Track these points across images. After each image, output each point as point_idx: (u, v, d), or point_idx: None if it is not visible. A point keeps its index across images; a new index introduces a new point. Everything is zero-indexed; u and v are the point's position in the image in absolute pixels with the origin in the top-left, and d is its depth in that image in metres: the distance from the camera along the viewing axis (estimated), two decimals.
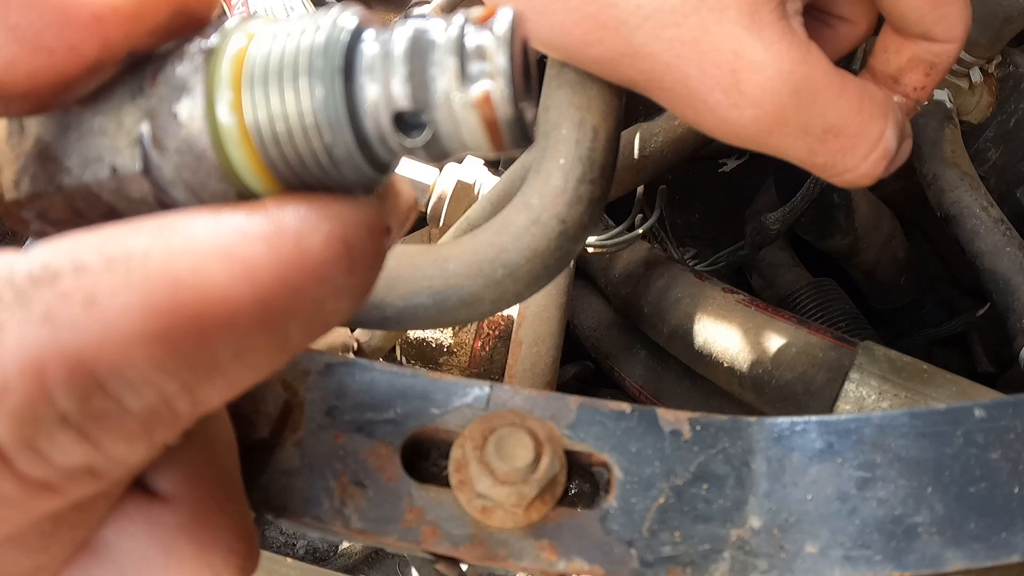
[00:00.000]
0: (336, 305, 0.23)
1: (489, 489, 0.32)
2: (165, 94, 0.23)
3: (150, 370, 0.20)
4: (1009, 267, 0.84)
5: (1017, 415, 0.33)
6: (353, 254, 0.23)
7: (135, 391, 0.20)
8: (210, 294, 0.21)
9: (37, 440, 0.20)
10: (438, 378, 0.36)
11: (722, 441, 0.35)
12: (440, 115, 0.22)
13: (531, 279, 0.66)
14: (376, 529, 0.34)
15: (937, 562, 0.31)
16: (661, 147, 0.95)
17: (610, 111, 0.67)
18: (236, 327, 0.21)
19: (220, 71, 0.23)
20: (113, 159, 0.24)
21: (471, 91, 0.22)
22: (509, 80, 0.22)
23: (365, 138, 0.23)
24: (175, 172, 0.23)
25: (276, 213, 0.22)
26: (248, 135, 0.23)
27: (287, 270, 0.21)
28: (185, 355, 0.21)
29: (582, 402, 0.36)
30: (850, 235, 1.07)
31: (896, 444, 0.34)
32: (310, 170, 0.23)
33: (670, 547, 0.33)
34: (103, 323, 0.20)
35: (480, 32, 0.22)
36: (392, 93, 0.22)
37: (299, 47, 0.22)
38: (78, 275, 0.20)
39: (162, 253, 0.21)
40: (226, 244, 0.21)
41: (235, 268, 0.21)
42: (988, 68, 1.02)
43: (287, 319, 0.22)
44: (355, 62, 0.22)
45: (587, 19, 0.46)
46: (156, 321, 0.20)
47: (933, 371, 0.74)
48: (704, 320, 0.87)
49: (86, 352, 0.20)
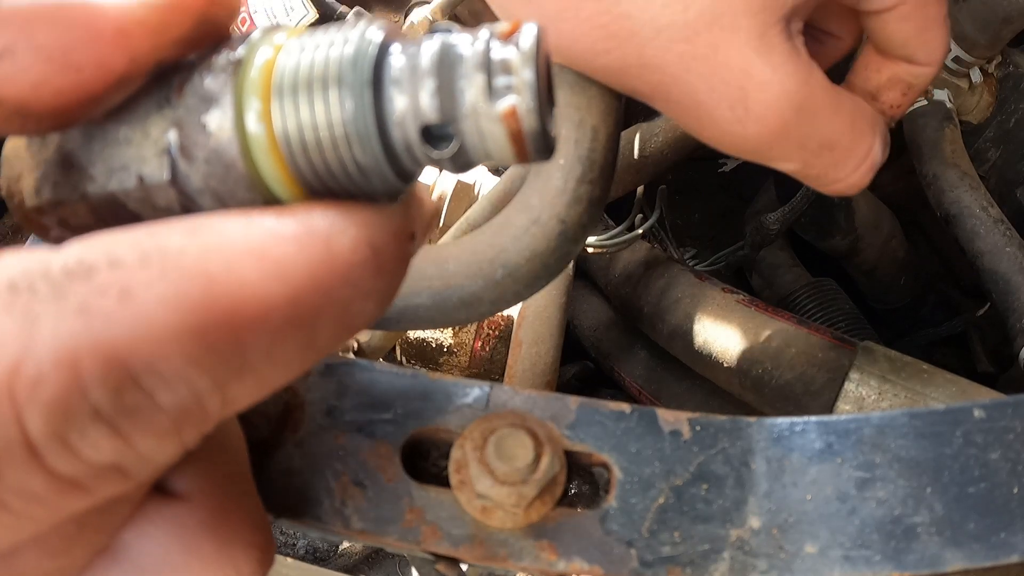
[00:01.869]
0: (363, 306, 0.24)
1: (489, 489, 0.32)
2: (193, 104, 0.23)
3: (183, 365, 0.20)
4: (1009, 267, 0.84)
5: (1016, 415, 0.33)
6: (380, 258, 0.23)
7: (168, 386, 0.21)
8: (243, 291, 0.21)
9: (69, 434, 0.20)
10: (438, 378, 0.36)
11: (722, 441, 0.35)
12: (467, 127, 0.23)
13: (531, 279, 0.66)
14: (376, 529, 0.34)
15: (936, 562, 0.31)
16: (661, 147, 0.95)
17: (610, 111, 0.67)
18: (268, 325, 0.21)
19: (248, 81, 0.23)
20: (140, 168, 0.24)
21: (498, 105, 0.22)
22: (535, 94, 0.22)
23: (392, 149, 0.23)
24: (203, 181, 0.23)
25: (306, 216, 0.23)
26: (277, 144, 0.23)
27: (317, 270, 0.22)
28: (218, 351, 0.21)
29: (582, 402, 0.36)
30: (850, 235, 1.07)
31: (896, 444, 0.34)
32: (337, 179, 0.24)
33: (670, 547, 0.33)
34: (138, 317, 0.20)
35: (506, 47, 0.22)
36: (420, 105, 0.23)
37: (328, 59, 0.23)
38: (113, 269, 0.20)
39: (196, 250, 0.21)
40: (258, 244, 0.22)
41: (267, 267, 0.21)
42: (988, 68, 1.02)
43: (316, 319, 0.22)
44: (383, 74, 0.23)
45: (598, 29, 0.47)
46: (191, 316, 0.20)
47: (933, 371, 0.74)
48: (704, 320, 0.87)
49: (121, 345, 0.20)
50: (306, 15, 1.14)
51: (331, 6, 1.15)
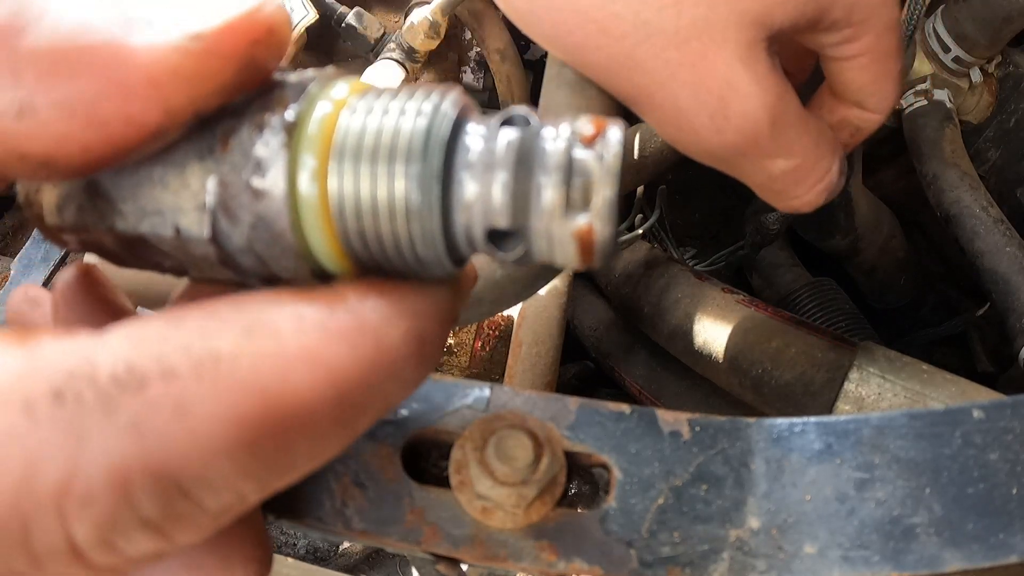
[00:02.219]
0: (402, 393, 0.23)
1: (489, 490, 0.32)
2: (239, 163, 0.22)
3: (233, 475, 0.20)
4: (1009, 267, 0.84)
5: (1016, 416, 0.33)
6: (425, 347, 0.23)
7: (215, 494, 0.21)
8: (295, 400, 0.20)
9: (115, 540, 0.20)
10: (438, 379, 0.36)
11: (721, 442, 0.35)
12: (536, 235, 0.22)
13: (531, 279, 0.66)
14: (377, 530, 0.34)
15: (935, 563, 0.32)
16: (661, 147, 0.95)
17: (610, 111, 0.67)
18: (315, 428, 0.21)
19: (306, 138, 0.22)
20: (176, 219, 0.23)
21: (576, 221, 0.21)
22: (613, 212, 0.21)
23: (453, 237, 0.22)
24: (246, 243, 0.22)
25: (357, 308, 0.22)
26: (329, 210, 0.22)
27: (367, 370, 0.21)
28: (267, 459, 0.21)
29: (582, 403, 0.36)
30: (850, 235, 1.07)
31: (895, 445, 0.34)
32: (389, 257, 0.22)
33: (669, 547, 0.33)
34: (192, 433, 0.20)
35: (588, 151, 0.21)
36: (491, 200, 0.21)
37: (398, 129, 0.21)
38: (167, 382, 0.20)
39: (251, 358, 0.20)
40: (311, 346, 0.21)
41: (319, 373, 0.21)
42: (988, 68, 1.02)
43: (359, 413, 0.22)
44: (455, 155, 0.22)
45: (592, 23, 0.48)
46: (244, 430, 0.20)
47: (933, 371, 0.74)
48: (704, 320, 0.87)
49: (173, 462, 0.20)
50: (306, 15, 1.14)
51: (331, 6, 1.15)
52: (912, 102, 1.01)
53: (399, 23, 1.18)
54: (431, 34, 1.11)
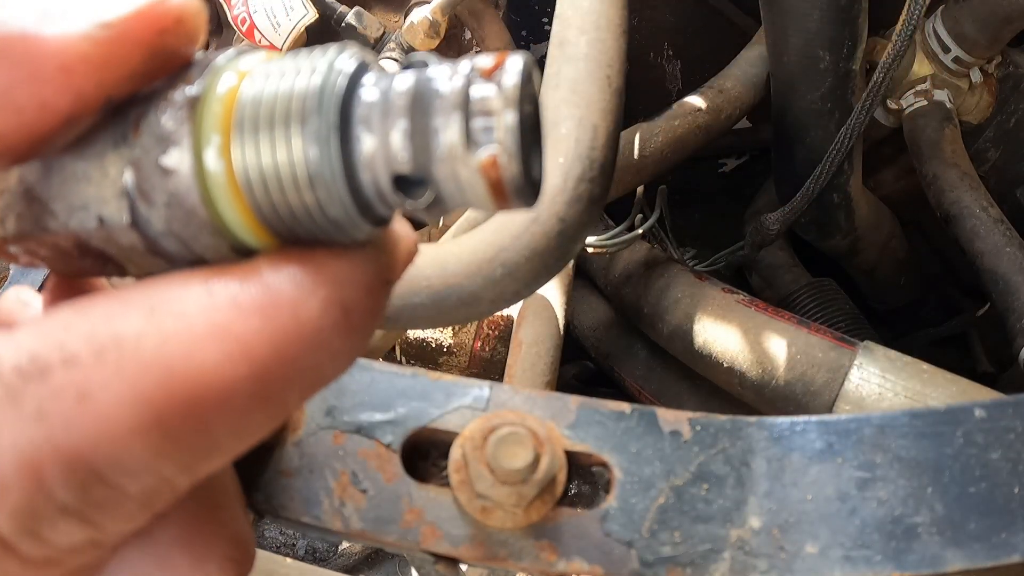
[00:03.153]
0: (333, 366, 0.23)
1: (489, 489, 0.32)
2: (149, 145, 0.22)
3: (148, 458, 0.20)
4: (1009, 267, 0.84)
5: (1017, 415, 0.33)
6: (351, 317, 0.22)
7: (134, 477, 0.20)
8: (205, 378, 0.20)
9: (39, 529, 0.20)
10: (438, 378, 0.36)
11: (722, 441, 0.35)
12: (443, 176, 0.21)
13: (530, 278, 0.66)
14: (376, 529, 0.34)
15: (937, 562, 0.31)
16: (661, 147, 0.95)
17: (609, 110, 0.67)
18: (232, 405, 0.20)
19: (209, 113, 0.21)
20: (100, 210, 0.22)
21: (477, 155, 0.20)
22: (517, 141, 0.20)
23: (361, 193, 0.21)
24: (165, 225, 0.22)
25: (271, 278, 0.21)
26: (237, 185, 0.21)
27: (283, 342, 0.21)
28: (182, 439, 0.20)
29: (582, 402, 0.36)
30: (850, 235, 1.07)
31: (896, 444, 0.34)
32: (303, 224, 0.22)
33: (670, 547, 0.33)
34: (97, 418, 0.19)
35: (487, 84, 0.20)
36: (391, 150, 0.21)
37: (293, 90, 0.21)
38: (68, 368, 0.20)
39: (154, 338, 0.20)
40: (220, 321, 0.20)
41: (230, 347, 0.20)
42: (988, 68, 1.02)
43: (283, 389, 0.21)
44: (352, 110, 0.21)
45: None
46: (152, 411, 0.20)
47: (933, 371, 0.74)
48: (704, 320, 0.87)
49: (82, 448, 0.19)
50: (306, 15, 1.14)
51: (331, 6, 1.15)
52: (912, 102, 1.01)
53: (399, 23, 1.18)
54: (431, 34, 1.11)
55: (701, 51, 1.25)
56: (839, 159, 0.88)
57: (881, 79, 0.82)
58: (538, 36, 1.26)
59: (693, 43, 1.26)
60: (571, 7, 0.70)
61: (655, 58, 1.28)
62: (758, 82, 1.02)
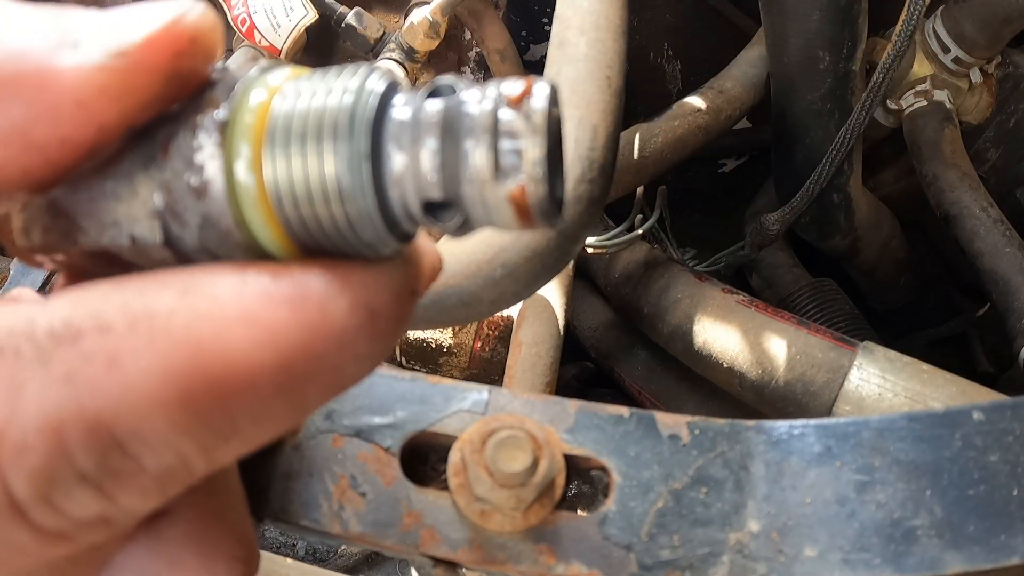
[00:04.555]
0: (356, 369, 0.23)
1: (488, 492, 0.32)
2: (180, 168, 0.22)
3: (169, 432, 0.20)
4: (1009, 267, 0.84)
5: (1016, 418, 0.33)
6: (377, 321, 0.23)
7: (153, 451, 0.21)
8: (232, 360, 0.20)
9: (54, 495, 0.20)
10: (437, 382, 0.36)
11: (720, 445, 0.35)
12: (472, 204, 0.21)
13: (530, 278, 0.66)
14: (375, 533, 0.34)
15: (936, 565, 0.31)
16: (661, 147, 0.95)
17: (609, 110, 0.67)
18: (256, 391, 0.21)
19: (238, 129, 0.22)
20: (131, 229, 0.23)
21: (506, 185, 0.21)
22: (545, 170, 0.21)
23: (390, 211, 0.22)
24: (198, 244, 0.22)
25: (302, 277, 0.22)
26: (267, 198, 0.22)
27: (310, 336, 0.21)
28: (204, 418, 0.21)
29: (581, 406, 0.36)
30: (850, 235, 1.07)
31: (895, 447, 0.34)
32: (331, 238, 0.22)
33: (669, 551, 0.33)
34: (125, 386, 0.20)
35: (515, 111, 0.21)
36: (421, 169, 0.21)
37: (325, 108, 0.21)
38: (101, 335, 0.20)
39: (186, 315, 0.20)
40: (250, 308, 0.21)
41: (258, 333, 0.21)
42: (988, 68, 1.02)
43: (306, 383, 0.22)
44: (383, 129, 0.22)
45: None
46: (178, 385, 0.20)
47: (933, 371, 0.74)
48: (704, 321, 0.87)
49: (106, 414, 0.20)
50: (306, 15, 1.14)
51: (331, 6, 1.15)
52: (912, 103, 1.01)
53: (399, 23, 1.18)
54: (431, 34, 1.11)
55: (701, 51, 1.25)
56: (839, 159, 0.88)
57: (881, 79, 0.82)
58: (538, 36, 1.26)
59: (693, 43, 1.26)
60: (571, 7, 0.70)
61: (655, 58, 1.27)
62: (758, 82, 1.02)
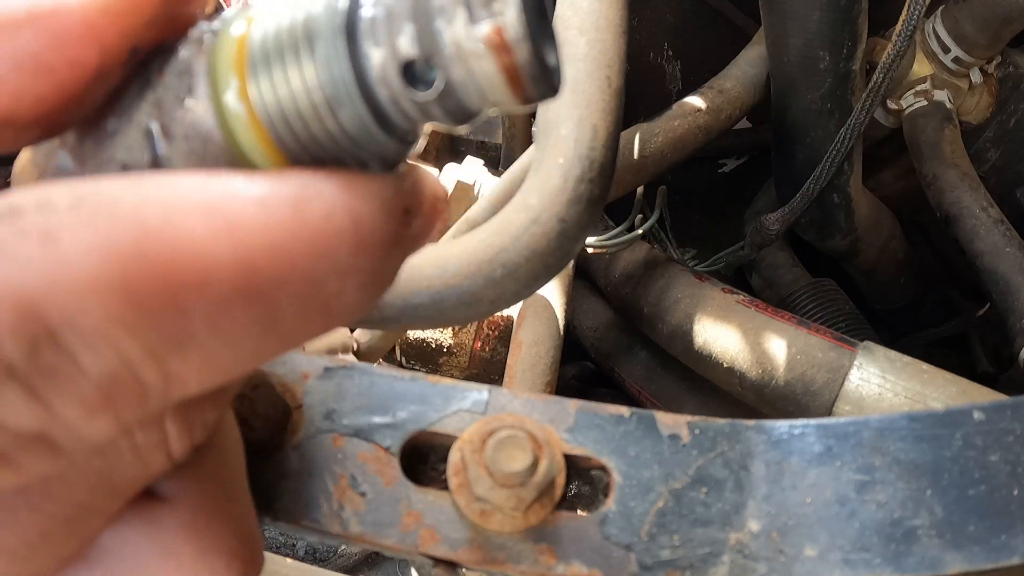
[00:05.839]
0: (340, 287, 0.21)
1: (488, 492, 0.32)
2: (171, 83, 0.23)
3: (108, 325, 0.18)
4: (1009, 267, 0.84)
5: (1016, 417, 0.33)
6: (361, 230, 0.21)
7: (91, 348, 0.18)
8: (183, 247, 0.18)
9: None
10: (437, 382, 0.36)
11: (721, 445, 0.35)
12: (452, 62, 0.20)
13: (530, 278, 0.66)
14: (374, 533, 0.34)
15: (936, 565, 0.31)
16: (661, 147, 0.95)
17: (609, 110, 0.67)
18: (212, 290, 0.19)
19: (223, 54, 0.22)
20: (125, 157, 0.23)
21: (479, 28, 0.20)
22: (520, 12, 0.19)
23: (377, 103, 0.21)
24: (184, 161, 0.22)
25: (277, 177, 0.20)
26: (257, 119, 0.22)
27: (279, 235, 0.19)
28: (150, 314, 0.18)
29: (581, 406, 0.35)
30: (850, 235, 1.07)
31: (895, 447, 0.34)
32: (324, 147, 0.22)
33: (669, 551, 0.33)
34: (58, 264, 0.18)
35: None
36: (400, 56, 0.21)
37: (296, 20, 0.21)
38: (41, 212, 0.19)
39: (134, 197, 0.19)
40: (211, 200, 0.19)
41: (216, 223, 0.19)
42: (988, 68, 1.02)
43: (276, 291, 0.20)
44: (356, 28, 0.21)
45: None
46: (117, 268, 0.18)
47: (933, 371, 0.74)
48: (704, 321, 0.87)
49: (36, 294, 0.18)
50: None
51: None
52: (912, 103, 1.01)
53: None
54: None
55: (701, 51, 1.25)
56: (839, 159, 0.88)
57: (881, 79, 0.82)
58: None
59: (693, 43, 1.26)
60: (570, 7, 0.70)
61: (655, 58, 1.27)
62: (758, 82, 1.02)
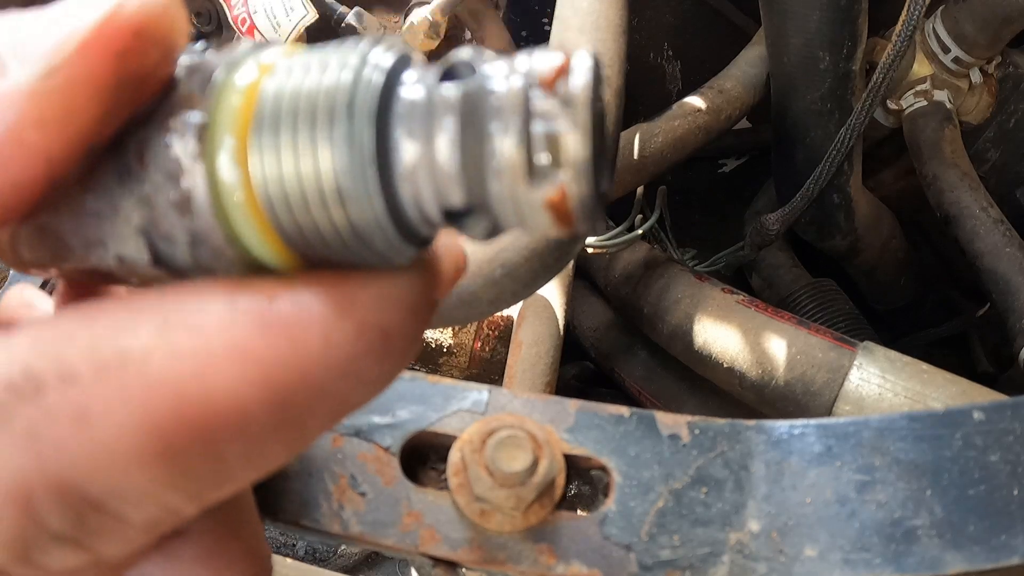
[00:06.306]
0: (363, 393, 0.20)
1: (488, 492, 0.32)
2: (159, 181, 0.19)
3: (152, 487, 0.18)
4: (1009, 267, 0.84)
5: (1016, 417, 0.33)
6: (390, 341, 0.19)
7: (135, 506, 0.19)
8: (219, 402, 0.18)
9: (31, 555, 0.19)
10: (437, 382, 0.36)
11: (721, 445, 0.35)
12: (500, 204, 0.17)
13: (530, 278, 0.66)
14: (374, 533, 0.34)
15: (936, 565, 0.31)
16: (661, 147, 0.95)
17: (609, 110, 0.67)
18: (247, 433, 0.18)
19: (220, 122, 0.18)
20: (118, 249, 0.20)
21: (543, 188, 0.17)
22: (590, 167, 0.17)
23: (402, 213, 0.18)
24: (190, 261, 0.20)
25: (300, 299, 0.19)
26: (256, 201, 0.18)
27: (310, 367, 0.18)
28: (190, 469, 0.18)
29: (581, 406, 0.35)
30: (850, 235, 1.07)
31: (895, 447, 0.34)
32: (336, 248, 0.19)
33: (669, 551, 0.33)
34: (95, 443, 0.17)
35: (551, 96, 0.17)
36: (437, 159, 0.17)
37: (320, 88, 0.17)
38: (65, 386, 0.18)
39: (164, 356, 0.18)
40: (240, 339, 0.18)
41: (249, 369, 0.18)
42: (988, 68, 1.02)
43: (306, 417, 0.19)
44: (390, 111, 0.17)
45: None
46: (156, 438, 0.18)
47: (933, 371, 0.74)
48: (704, 321, 0.87)
49: (76, 476, 0.18)
50: (305, 15, 1.14)
51: (331, 6, 1.15)
52: (912, 103, 1.01)
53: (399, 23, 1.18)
54: (431, 34, 1.10)
55: (701, 51, 1.25)
56: (839, 159, 0.88)
57: (881, 79, 0.82)
58: (538, 36, 1.26)
59: (693, 43, 1.26)
60: (571, 8, 0.70)
61: (655, 58, 1.27)
62: (758, 82, 1.02)
